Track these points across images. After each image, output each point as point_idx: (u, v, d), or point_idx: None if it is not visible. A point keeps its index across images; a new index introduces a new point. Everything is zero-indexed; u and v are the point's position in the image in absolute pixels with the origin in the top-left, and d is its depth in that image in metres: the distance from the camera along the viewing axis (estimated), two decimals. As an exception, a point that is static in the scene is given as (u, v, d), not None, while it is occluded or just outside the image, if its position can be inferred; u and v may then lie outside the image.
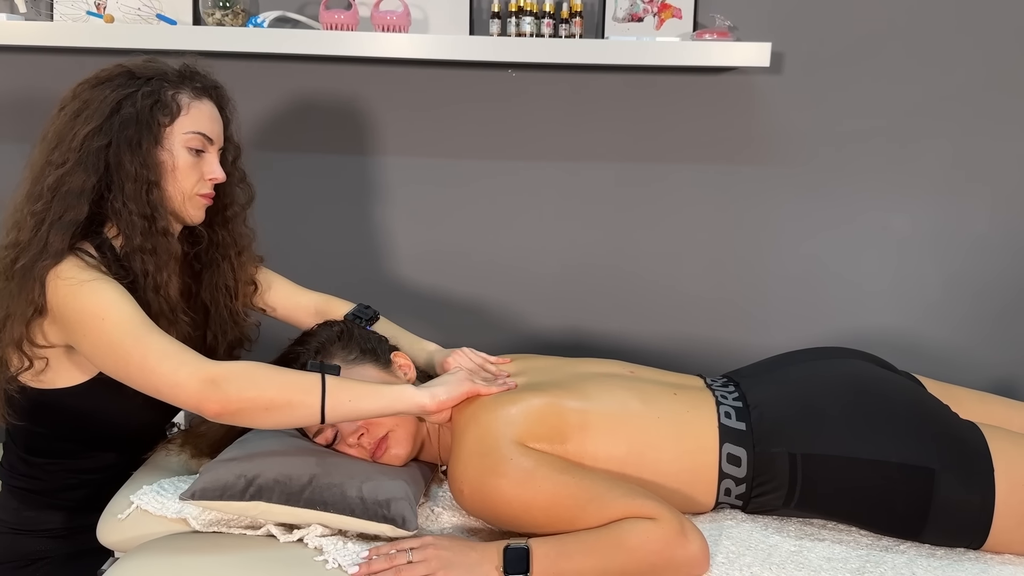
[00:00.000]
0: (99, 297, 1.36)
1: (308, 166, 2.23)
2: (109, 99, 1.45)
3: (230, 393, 1.30)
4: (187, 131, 1.49)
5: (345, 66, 2.17)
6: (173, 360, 1.32)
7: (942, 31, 2.18)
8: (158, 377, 1.32)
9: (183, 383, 1.31)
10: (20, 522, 1.57)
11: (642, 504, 1.33)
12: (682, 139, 2.24)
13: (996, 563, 1.40)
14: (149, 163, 1.45)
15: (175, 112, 1.48)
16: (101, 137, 1.43)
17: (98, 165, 1.43)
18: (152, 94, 1.46)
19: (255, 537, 1.43)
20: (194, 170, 1.51)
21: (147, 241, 1.46)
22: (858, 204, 2.26)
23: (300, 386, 1.34)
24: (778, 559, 1.38)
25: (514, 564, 1.30)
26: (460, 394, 1.45)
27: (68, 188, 1.42)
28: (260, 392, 1.32)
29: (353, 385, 1.38)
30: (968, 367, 2.27)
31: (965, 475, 1.42)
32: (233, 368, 1.34)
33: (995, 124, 2.22)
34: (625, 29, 2.15)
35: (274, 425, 1.40)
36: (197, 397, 1.31)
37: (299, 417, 1.36)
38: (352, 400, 1.36)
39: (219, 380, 1.30)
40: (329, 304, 1.77)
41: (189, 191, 1.51)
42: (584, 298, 2.31)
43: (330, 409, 1.34)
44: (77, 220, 1.42)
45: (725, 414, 1.51)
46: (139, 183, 1.44)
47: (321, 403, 1.33)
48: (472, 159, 2.24)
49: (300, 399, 1.33)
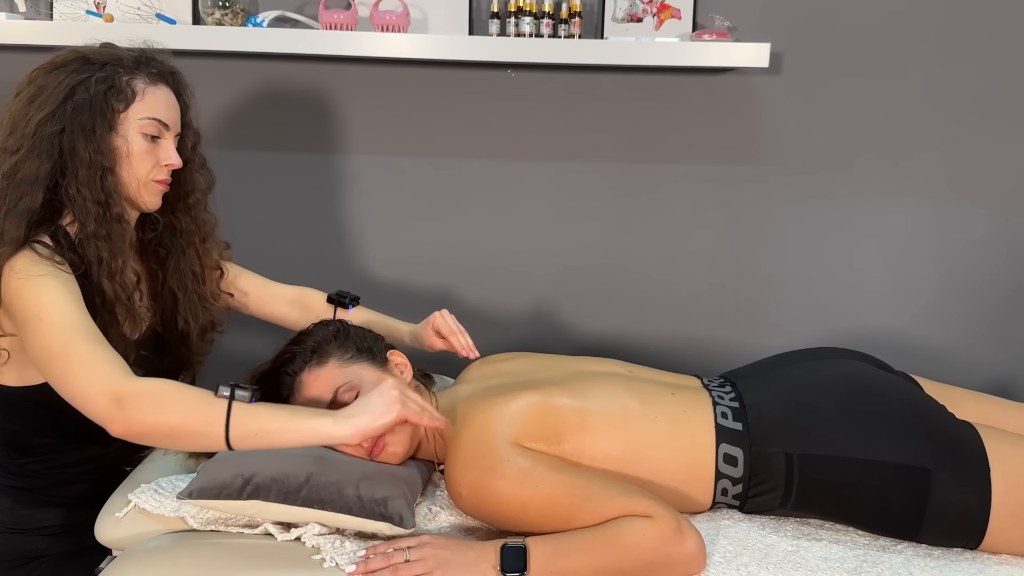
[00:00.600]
0: (41, 296, 1.34)
1: (307, 165, 2.24)
2: (63, 84, 1.43)
3: (132, 415, 1.25)
4: (142, 117, 1.47)
5: (344, 66, 2.18)
6: (89, 374, 1.28)
7: (940, 33, 2.18)
8: (73, 388, 1.29)
9: (92, 399, 1.26)
10: (15, 521, 1.57)
11: (638, 503, 1.34)
12: (681, 139, 2.24)
13: (993, 563, 1.41)
14: (103, 149, 1.44)
15: (130, 98, 1.46)
16: (55, 123, 1.42)
17: (52, 151, 1.41)
18: (106, 79, 1.45)
19: (252, 536, 1.43)
20: (149, 156, 1.50)
21: (101, 227, 1.44)
22: (856, 205, 2.27)
23: (204, 416, 1.26)
24: (775, 559, 1.38)
25: (511, 563, 1.30)
26: (387, 424, 1.29)
27: (23, 175, 1.41)
28: (161, 418, 1.25)
29: (264, 416, 1.27)
30: (965, 367, 2.28)
31: (961, 475, 1.42)
32: (143, 389, 1.27)
33: (993, 125, 2.22)
34: (624, 30, 2.15)
35: (183, 449, 1.38)
36: (103, 415, 1.26)
37: (204, 445, 1.29)
38: (259, 434, 1.26)
39: (125, 401, 1.25)
40: (306, 294, 1.78)
41: (144, 177, 1.50)
42: (583, 298, 2.32)
43: (235, 441, 1.25)
44: (32, 207, 1.40)
45: (722, 414, 1.51)
46: (93, 169, 1.43)
47: (225, 434, 1.25)
48: (471, 159, 2.25)
49: (203, 429, 1.26)
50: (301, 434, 1.27)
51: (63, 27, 1.99)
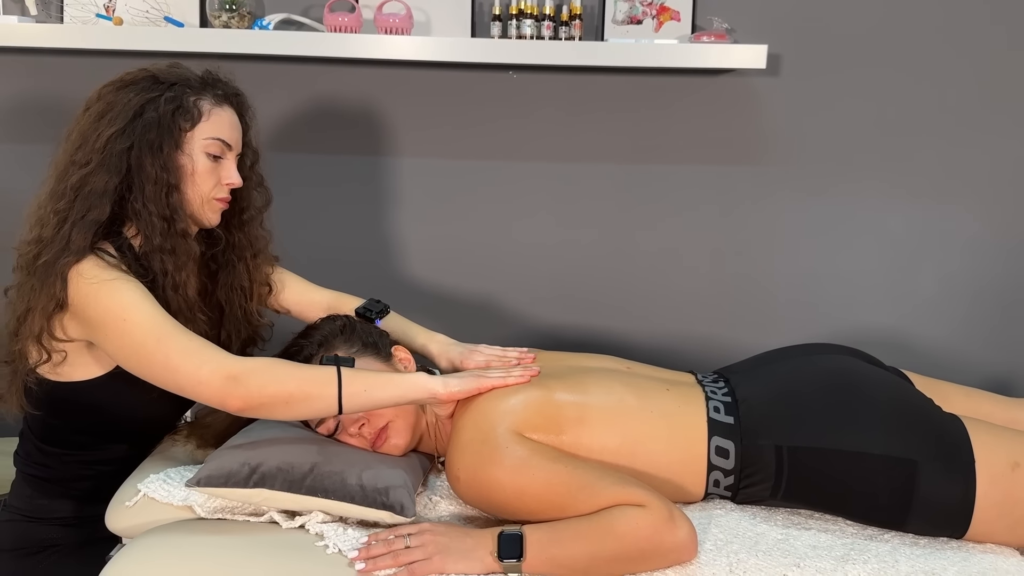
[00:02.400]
0: (120, 297, 1.40)
1: (312, 167, 2.27)
2: (133, 102, 1.48)
3: (251, 388, 1.36)
4: (207, 137, 1.53)
5: (349, 68, 2.21)
6: (195, 358, 1.37)
7: (938, 34, 2.20)
8: (181, 376, 1.37)
9: (206, 380, 1.36)
10: (32, 510, 1.61)
11: (632, 492, 1.37)
12: (680, 140, 2.26)
13: (978, 552, 1.43)
14: (169, 167, 1.49)
15: (196, 118, 1.51)
16: (124, 139, 1.46)
17: (120, 167, 1.46)
18: (175, 99, 1.50)
19: (258, 523, 1.47)
20: (212, 175, 1.55)
21: (166, 242, 1.49)
22: (853, 204, 2.28)
23: (317, 379, 1.39)
24: (765, 547, 1.41)
25: (508, 549, 1.34)
26: (473, 388, 1.48)
27: (91, 188, 1.45)
28: (280, 387, 1.37)
29: (367, 375, 1.43)
30: (962, 366, 2.29)
31: (947, 467, 1.45)
32: (253, 364, 1.39)
33: (991, 126, 2.24)
34: (624, 32, 2.18)
35: (294, 417, 1.45)
36: (220, 394, 1.36)
37: (318, 409, 1.41)
38: (367, 390, 1.40)
39: (240, 376, 1.36)
40: (340, 300, 1.81)
41: (207, 195, 1.55)
42: (583, 297, 2.34)
43: (347, 399, 1.38)
44: (99, 220, 1.45)
45: (714, 408, 1.55)
46: (159, 186, 1.48)
47: (338, 394, 1.38)
48: (473, 159, 2.27)
49: (318, 391, 1.38)
50: (402, 387, 1.44)
51: (73, 30, 2.03)
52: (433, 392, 1.45)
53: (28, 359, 1.48)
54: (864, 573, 1.36)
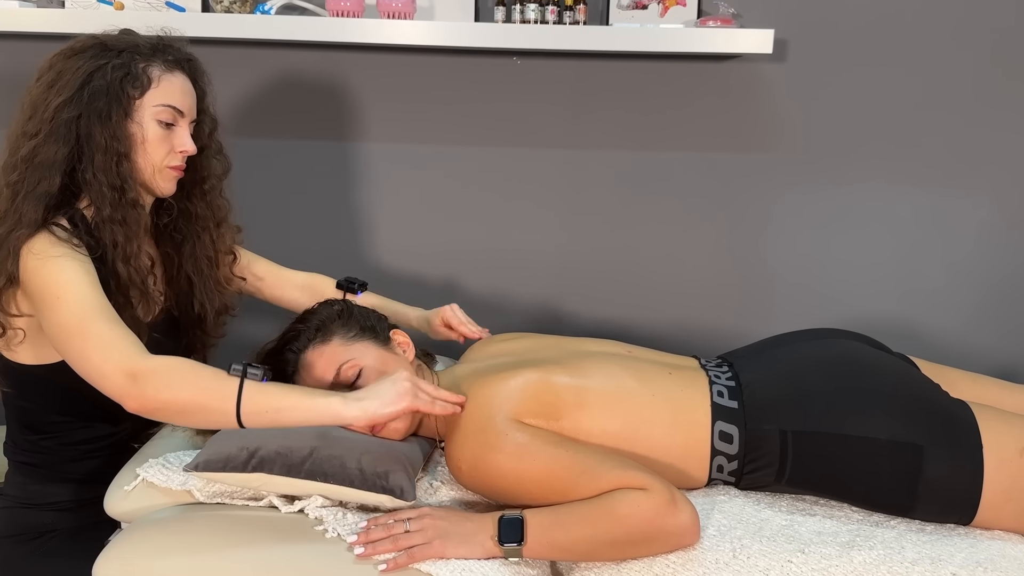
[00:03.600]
0: (59, 275, 1.37)
1: (313, 152, 2.26)
2: (81, 70, 1.46)
3: (147, 391, 1.29)
4: (157, 104, 1.49)
5: (351, 53, 2.20)
6: (106, 350, 1.31)
7: (946, 19, 2.18)
8: (90, 365, 1.33)
9: (109, 375, 1.30)
10: (27, 496, 1.60)
11: (633, 475, 1.36)
12: (685, 126, 2.25)
13: (985, 538, 1.42)
14: (119, 135, 1.46)
15: (145, 85, 1.48)
16: (72, 108, 1.44)
17: (69, 136, 1.44)
18: (123, 66, 1.47)
19: (257, 508, 1.46)
20: (164, 143, 1.52)
21: (116, 212, 1.47)
22: (860, 191, 2.27)
23: (217, 392, 1.30)
24: (768, 532, 1.40)
25: (508, 533, 1.33)
26: (394, 412, 1.33)
27: (41, 159, 1.43)
28: (175, 394, 1.29)
29: (275, 394, 1.31)
30: (969, 354, 2.28)
31: (954, 452, 1.44)
32: (158, 366, 1.31)
33: (999, 112, 2.22)
34: (629, 16, 2.16)
35: (195, 426, 1.42)
36: (119, 391, 1.30)
37: (216, 421, 1.34)
38: (270, 411, 1.30)
39: (139, 376, 1.29)
40: (315, 280, 1.81)
41: (159, 163, 1.52)
42: (587, 284, 2.33)
43: (246, 417, 1.29)
44: (50, 191, 1.43)
45: (718, 393, 1.53)
46: (109, 155, 1.45)
47: (237, 411, 1.28)
48: (476, 146, 2.26)
49: (215, 405, 1.29)
50: (311, 412, 1.31)
51: (75, 15, 2.02)
52: (345, 421, 1.32)
53: None
54: (870, 559, 1.35)
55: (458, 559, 1.33)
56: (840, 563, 1.34)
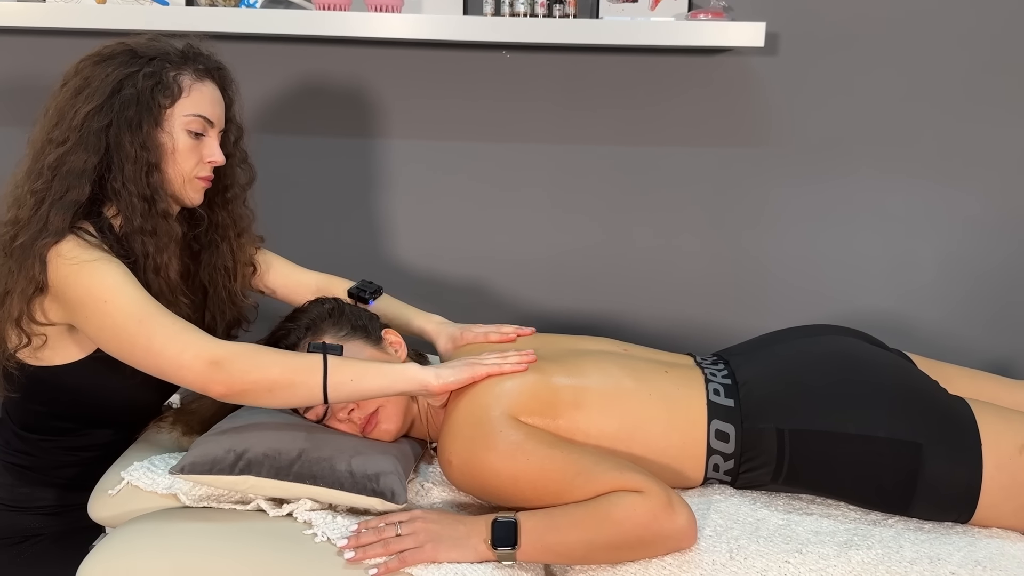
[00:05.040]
0: (101, 278, 1.37)
1: (300, 148, 2.24)
2: (111, 78, 1.44)
3: (234, 374, 1.33)
4: (188, 113, 1.48)
5: (338, 47, 2.17)
6: (178, 342, 1.34)
7: (938, 13, 2.17)
8: (164, 359, 1.34)
9: (188, 364, 1.33)
10: (14, 499, 1.58)
11: (629, 477, 1.34)
12: (677, 120, 2.24)
13: (984, 537, 1.41)
14: (149, 145, 1.45)
15: (176, 94, 1.47)
16: (102, 117, 1.42)
17: (99, 145, 1.42)
18: (154, 75, 1.45)
19: (245, 512, 1.43)
20: (194, 153, 1.50)
21: (147, 223, 1.46)
22: (852, 186, 2.26)
23: (303, 367, 1.36)
24: (765, 532, 1.39)
25: (502, 536, 1.31)
26: (467, 377, 1.44)
27: (69, 167, 1.41)
28: (264, 373, 1.34)
29: (355, 364, 1.40)
30: (963, 349, 2.28)
31: (952, 449, 1.43)
32: (237, 349, 1.35)
33: (991, 107, 2.22)
34: (620, 9, 2.14)
35: (278, 405, 1.41)
36: (203, 378, 1.33)
37: (302, 397, 1.38)
38: (354, 380, 1.37)
39: (223, 361, 1.32)
40: (330, 283, 1.78)
41: (188, 173, 1.51)
42: (580, 280, 2.32)
43: (332, 389, 1.35)
44: (78, 200, 1.41)
45: (714, 391, 1.51)
46: (139, 165, 1.44)
47: (323, 383, 1.34)
48: (466, 140, 2.24)
49: (303, 379, 1.35)
50: (390, 377, 1.40)
51: (56, 9, 1.99)
52: (424, 383, 1.41)
53: (7, 344, 1.44)
54: (868, 559, 1.33)
55: (450, 563, 1.31)
56: (838, 563, 1.33)
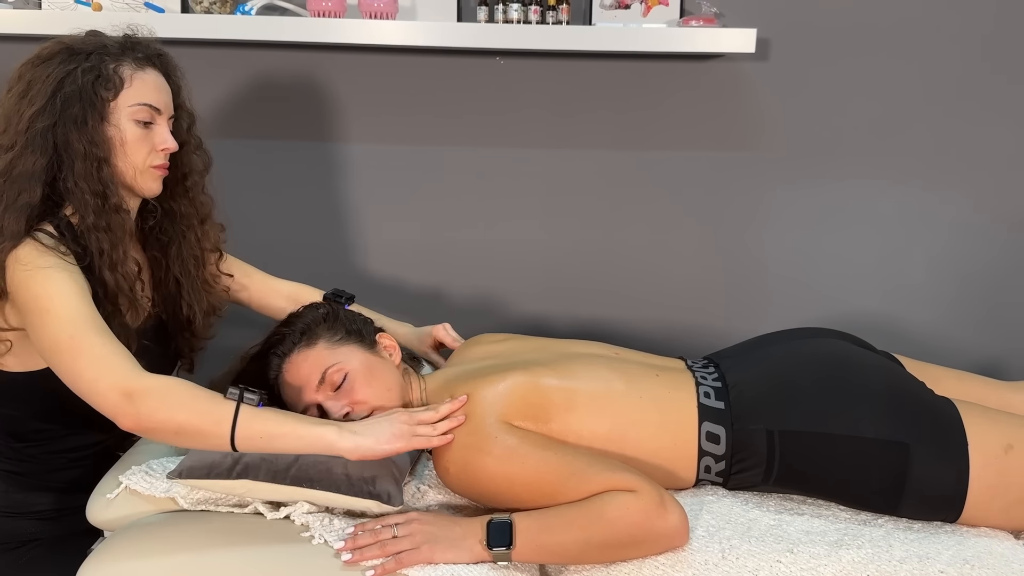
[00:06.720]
0: (48, 287, 1.35)
1: (295, 153, 2.24)
2: (51, 77, 1.43)
3: (142, 411, 1.28)
4: (132, 103, 1.46)
5: (333, 54, 2.18)
6: (98, 367, 1.30)
7: (928, 17, 2.19)
8: (83, 382, 1.31)
9: (102, 392, 1.29)
10: (10, 504, 1.58)
11: (622, 477, 1.35)
12: (669, 126, 2.25)
13: (972, 535, 1.42)
14: (96, 140, 1.43)
15: (118, 85, 1.45)
16: (46, 117, 1.41)
17: (46, 146, 1.41)
18: (93, 69, 1.44)
19: (242, 515, 1.44)
20: (144, 142, 1.49)
21: (100, 219, 1.44)
22: (844, 189, 2.27)
23: (212, 415, 1.30)
24: (757, 532, 1.40)
25: (497, 537, 1.32)
26: (388, 452, 1.35)
27: (19, 171, 1.41)
28: (171, 415, 1.29)
29: (270, 420, 1.32)
30: (952, 350, 2.29)
31: (940, 450, 1.44)
32: (154, 384, 1.30)
33: (980, 110, 2.23)
34: (612, 16, 2.16)
35: (188, 447, 1.39)
36: (113, 409, 1.29)
37: (210, 444, 1.32)
38: (264, 437, 1.30)
39: (135, 396, 1.28)
40: (301, 291, 1.80)
41: (141, 164, 1.49)
42: (572, 285, 2.33)
43: (240, 442, 1.29)
44: (31, 203, 1.41)
45: (704, 394, 1.53)
46: (88, 161, 1.43)
47: (231, 435, 1.29)
48: (459, 146, 2.25)
49: (210, 428, 1.29)
50: (305, 440, 1.32)
51: (52, 16, 1.99)
52: (339, 451, 1.33)
53: None
54: (858, 558, 1.35)
55: (447, 564, 1.32)
56: (829, 562, 1.34)
